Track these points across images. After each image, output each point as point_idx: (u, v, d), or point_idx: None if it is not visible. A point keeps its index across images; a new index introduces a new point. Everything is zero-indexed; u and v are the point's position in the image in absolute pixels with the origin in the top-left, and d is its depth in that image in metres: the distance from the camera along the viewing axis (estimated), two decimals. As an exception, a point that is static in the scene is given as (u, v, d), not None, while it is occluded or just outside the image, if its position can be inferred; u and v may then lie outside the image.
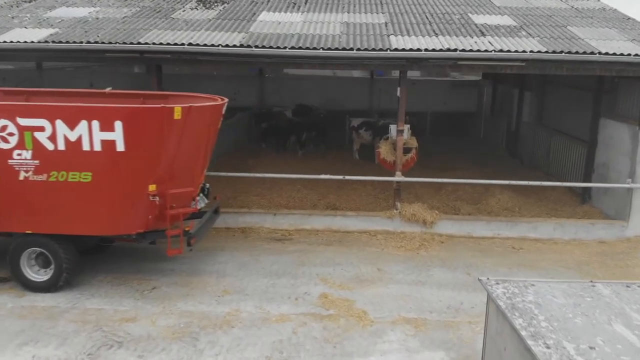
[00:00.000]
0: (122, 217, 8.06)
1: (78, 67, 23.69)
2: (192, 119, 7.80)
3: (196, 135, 8.11)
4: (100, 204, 7.90)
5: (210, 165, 15.21)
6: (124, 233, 8.32)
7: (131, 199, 7.92)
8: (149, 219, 8.00)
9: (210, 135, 8.62)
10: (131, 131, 7.49)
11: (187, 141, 7.93)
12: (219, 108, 8.62)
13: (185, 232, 8.20)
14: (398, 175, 10.85)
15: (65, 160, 7.64)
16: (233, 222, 11.05)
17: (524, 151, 17.20)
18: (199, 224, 8.77)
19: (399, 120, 10.66)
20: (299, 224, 11.03)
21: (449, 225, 10.95)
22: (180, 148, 7.88)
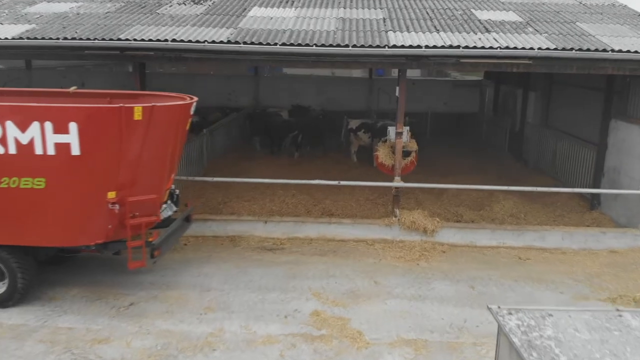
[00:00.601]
0: (79, 226, 7.43)
1: (70, 67, 23.08)
2: (155, 120, 7.18)
3: (161, 137, 7.48)
4: (55, 213, 7.25)
5: (201, 169, 14.77)
6: (81, 244, 7.67)
7: (89, 207, 7.29)
8: (109, 229, 7.37)
9: (177, 138, 7.98)
10: (87, 133, 6.85)
11: (151, 144, 7.30)
12: (186, 108, 7.97)
13: (148, 243, 7.57)
14: (397, 180, 10.19)
15: (17, 165, 6.98)
16: (221, 230, 10.39)
17: (529, 154, 16.54)
18: (165, 233, 8.13)
19: (398, 122, 10.00)
20: (291, 232, 10.37)
21: (451, 234, 10.28)
22: (142, 151, 7.27)
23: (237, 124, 18.66)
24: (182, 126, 8.02)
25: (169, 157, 7.89)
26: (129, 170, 7.25)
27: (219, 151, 16.37)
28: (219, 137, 16.43)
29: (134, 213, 7.35)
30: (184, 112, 7.94)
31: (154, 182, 7.72)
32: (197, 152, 14.11)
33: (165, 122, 7.50)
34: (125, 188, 7.26)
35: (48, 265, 8.66)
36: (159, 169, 7.76)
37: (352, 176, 14.58)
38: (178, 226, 8.63)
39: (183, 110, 7.92)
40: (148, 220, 7.55)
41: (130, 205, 7.28)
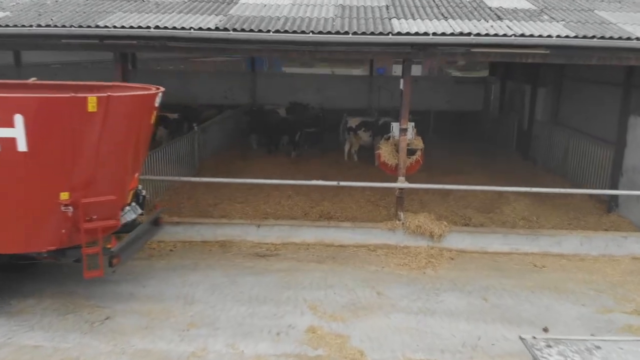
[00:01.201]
0: (28, 232, 6.66)
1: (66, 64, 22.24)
2: (112, 112, 6.43)
3: (120, 131, 6.75)
4: (0, 216, 6.48)
5: (193, 168, 13.97)
6: (32, 251, 6.88)
7: (38, 210, 6.53)
8: (62, 234, 6.62)
9: (140, 132, 7.22)
10: (35, 127, 6.09)
11: (109, 139, 6.57)
12: (148, 99, 7.21)
13: (106, 250, 6.81)
14: (401, 180, 9.37)
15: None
16: (210, 235, 9.58)
17: (538, 152, 15.73)
18: (127, 239, 7.35)
19: (402, 117, 9.19)
20: (286, 237, 9.56)
21: (459, 239, 9.47)
22: (99, 147, 6.52)
23: (232, 122, 17.85)
24: (146, 120, 7.25)
25: (131, 154, 7.14)
26: (83, 168, 6.52)
27: (212, 150, 15.58)
28: (213, 135, 15.62)
29: (91, 216, 6.58)
30: (146, 103, 7.17)
31: (113, 181, 6.98)
32: (189, 151, 13.30)
33: (125, 115, 6.75)
34: (80, 188, 6.53)
35: (10, 273, 7.83)
36: (118, 167, 7.02)
37: (352, 176, 13.75)
38: (144, 231, 7.87)
39: (145, 102, 7.15)
40: (105, 225, 6.79)
41: (85, 208, 6.54)
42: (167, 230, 9.61)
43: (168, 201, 11.26)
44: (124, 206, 7.45)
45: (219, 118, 16.29)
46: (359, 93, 21.33)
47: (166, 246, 9.46)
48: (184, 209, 10.84)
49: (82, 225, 6.54)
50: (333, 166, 14.89)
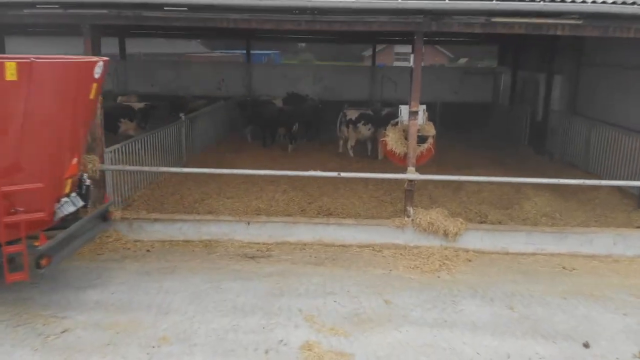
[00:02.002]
0: None
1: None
2: (38, 81, 5.37)
3: (49, 106, 5.65)
4: None
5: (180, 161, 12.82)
6: None
7: None
8: None
9: (77, 108, 6.10)
10: None
11: (35, 114, 5.50)
12: (84, 68, 6.07)
13: (32, 249, 5.72)
14: (411, 171, 8.21)
15: None
16: (194, 233, 8.43)
17: (555, 145, 14.57)
18: (61, 236, 6.23)
19: (413, 99, 8.03)
20: (280, 236, 8.42)
21: (477, 238, 8.32)
22: (23, 124, 5.45)
23: (225, 114, 16.69)
24: (83, 93, 6.11)
25: (66, 135, 6.00)
26: (3, 149, 5.46)
27: (203, 143, 14.44)
28: (203, 127, 14.47)
29: (14, 208, 5.49)
30: (81, 73, 6.03)
31: (42, 167, 5.88)
32: (175, 143, 12.15)
33: (54, 86, 5.65)
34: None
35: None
36: (49, 149, 5.89)
37: (354, 170, 12.68)
38: (86, 227, 6.76)
39: (79, 72, 6.02)
40: (30, 218, 5.67)
41: (5, 197, 5.46)
42: (145, 228, 8.52)
43: (149, 195, 10.13)
44: (60, 197, 6.30)
45: (209, 109, 15.11)
46: (360, 84, 20.23)
47: (143, 246, 8.33)
48: (166, 205, 9.69)
49: (1, 219, 5.44)
50: (333, 160, 13.80)
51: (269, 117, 15.35)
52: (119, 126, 13.21)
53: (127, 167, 8.79)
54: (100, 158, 8.40)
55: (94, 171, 8.12)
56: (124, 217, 8.45)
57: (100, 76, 6.31)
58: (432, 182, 9.67)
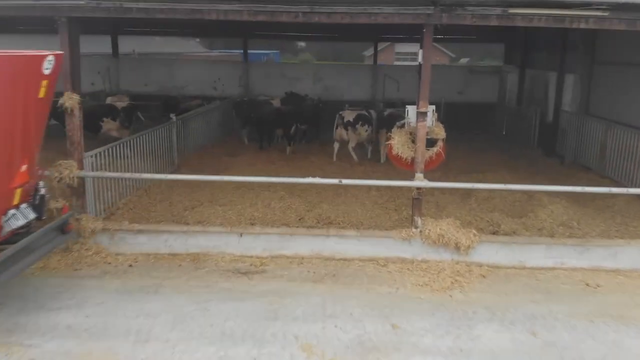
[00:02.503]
0: None
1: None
2: None
3: None
4: None
5: (171, 165, 12.10)
6: None
7: None
8: None
9: (24, 108, 5.42)
10: None
11: None
12: (30, 63, 5.41)
13: None
14: (419, 178, 7.48)
15: None
16: (181, 246, 7.70)
17: (566, 148, 13.84)
18: (8, 253, 5.52)
19: (421, 99, 7.30)
20: (275, 249, 7.69)
21: (492, 251, 7.60)
22: None
23: (220, 114, 15.96)
24: (31, 92, 5.40)
25: (11, 138, 5.29)
26: None
27: (197, 145, 13.73)
28: (197, 128, 13.74)
29: None
30: (28, 70, 5.33)
31: None
32: (165, 145, 11.43)
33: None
34: None
35: None
36: None
37: (356, 175, 11.96)
38: (40, 241, 6.05)
39: (24, 66, 5.31)
40: None
41: None
42: (127, 240, 7.79)
43: (136, 203, 9.40)
44: (6, 209, 5.59)
45: (203, 109, 14.38)
46: (362, 83, 19.53)
47: (125, 260, 7.60)
48: (154, 213, 8.98)
49: None
50: (333, 163, 13.10)
51: (266, 117, 14.63)
52: (101, 126, 12.51)
53: (106, 173, 8.06)
54: (79, 163, 7.67)
55: (70, 178, 7.39)
56: (105, 228, 7.72)
57: (51, 72, 5.61)
58: (439, 187, 8.94)
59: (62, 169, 7.38)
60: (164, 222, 8.24)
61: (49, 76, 5.63)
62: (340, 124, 13.18)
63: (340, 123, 13.18)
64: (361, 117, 13.29)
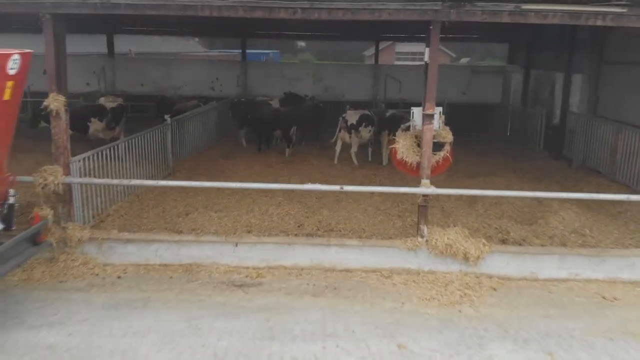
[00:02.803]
0: None
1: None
2: None
3: None
4: None
5: (165, 168, 11.68)
6: None
7: None
8: None
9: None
10: None
11: None
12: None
13: None
14: (425, 184, 7.05)
15: None
16: (172, 256, 7.27)
17: (574, 150, 13.42)
18: None
19: (427, 100, 6.88)
20: (273, 259, 7.26)
21: (502, 262, 7.17)
22: None
23: (217, 115, 15.52)
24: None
25: None
26: None
27: (193, 147, 13.31)
28: (193, 129, 13.31)
29: None
30: None
31: None
32: (159, 148, 11.00)
33: None
34: None
35: None
36: None
37: (358, 179, 11.56)
38: (11, 253, 5.66)
39: None
40: None
41: None
42: (116, 249, 7.36)
43: (127, 209, 8.98)
44: None
45: (199, 110, 13.94)
46: (363, 84, 19.11)
47: (113, 271, 7.17)
48: (145, 220, 8.54)
49: None
50: (334, 166, 12.67)
51: (265, 119, 14.20)
52: (89, 127, 12.11)
53: (93, 179, 7.62)
54: (65, 169, 7.24)
55: (55, 185, 6.97)
56: (92, 237, 7.29)
57: (17, 72, 5.20)
58: (452, 194, 8.53)
59: (46, 175, 6.96)
60: (155, 231, 7.82)
61: (14, 76, 5.21)
62: (344, 127, 12.72)
63: (344, 126, 12.72)
64: (364, 118, 12.87)
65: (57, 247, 7.17)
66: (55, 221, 7.23)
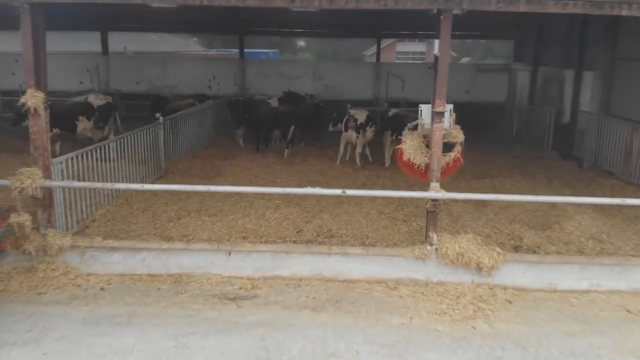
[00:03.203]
0: None
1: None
2: None
3: None
4: None
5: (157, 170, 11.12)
6: None
7: None
8: None
9: None
10: None
11: None
12: None
13: None
14: (435, 188, 6.49)
15: None
16: (160, 266, 6.73)
17: (585, 151, 12.88)
18: None
19: (437, 96, 6.33)
20: (269, 269, 6.71)
21: (518, 272, 6.62)
22: None
23: (214, 114, 14.98)
24: None
25: None
26: None
27: (188, 147, 12.76)
28: (188, 129, 12.76)
29: None
30: None
31: None
32: (151, 148, 10.46)
33: None
34: None
35: None
36: None
37: (361, 181, 11.03)
38: None
39: None
40: None
41: None
42: (100, 258, 6.81)
43: (115, 213, 8.43)
44: None
45: (194, 109, 13.38)
46: (364, 82, 18.57)
47: (97, 282, 6.63)
48: (134, 225, 8.00)
49: None
50: (335, 167, 12.13)
51: (263, 118, 13.66)
52: (77, 125, 11.58)
53: (73, 183, 7.07)
54: (45, 171, 6.70)
55: (33, 188, 6.42)
56: (74, 244, 6.75)
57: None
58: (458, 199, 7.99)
59: (23, 178, 6.41)
60: (143, 238, 7.26)
61: None
62: (352, 126, 12.12)
63: (352, 125, 12.13)
64: (370, 118, 12.36)
65: (36, 255, 6.64)
66: (35, 227, 6.71)
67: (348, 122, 12.13)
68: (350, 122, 12.13)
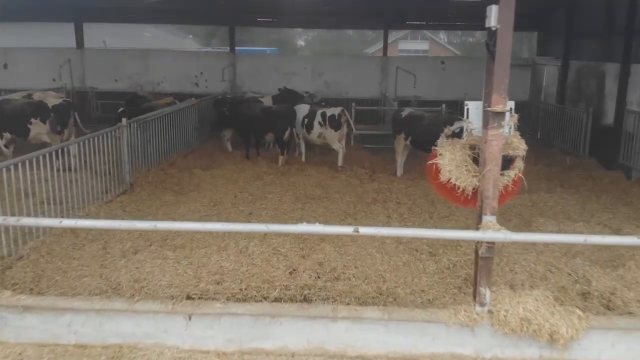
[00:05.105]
0: None
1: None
2: None
3: None
4: None
5: (121, 183, 8.99)
6: None
7: None
8: None
9: None
10: None
11: None
12: None
13: None
14: (489, 225, 4.40)
15: None
16: (93, 334, 4.66)
17: (635, 159, 10.83)
18: None
19: (496, 90, 4.30)
20: (248, 339, 4.64)
21: (604, 342, 4.56)
22: None
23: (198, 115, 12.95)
24: None
25: None
26: None
27: (164, 154, 10.75)
28: (162, 133, 10.71)
29: None
30: None
31: None
32: (112, 156, 8.47)
33: None
34: None
35: None
36: None
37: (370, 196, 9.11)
38: None
39: None
40: None
41: None
42: (10, 322, 4.77)
43: (53, 244, 6.42)
44: None
45: (169, 110, 11.31)
46: (369, 78, 16.56)
47: (4, 357, 4.59)
48: (75, 263, 6.00)
49: None
50: (337, 178, 10.15)
51: (253, 119, 11.64)
52: (29, 129, 9.59)
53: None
54: None
55: None
56: (-27, 301, 4.71)
57: None
58: (523, 241, 6.00)
59: None
60: (75, 289, 5.22)
61: None
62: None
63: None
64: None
65: None
66: None
67: None
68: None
